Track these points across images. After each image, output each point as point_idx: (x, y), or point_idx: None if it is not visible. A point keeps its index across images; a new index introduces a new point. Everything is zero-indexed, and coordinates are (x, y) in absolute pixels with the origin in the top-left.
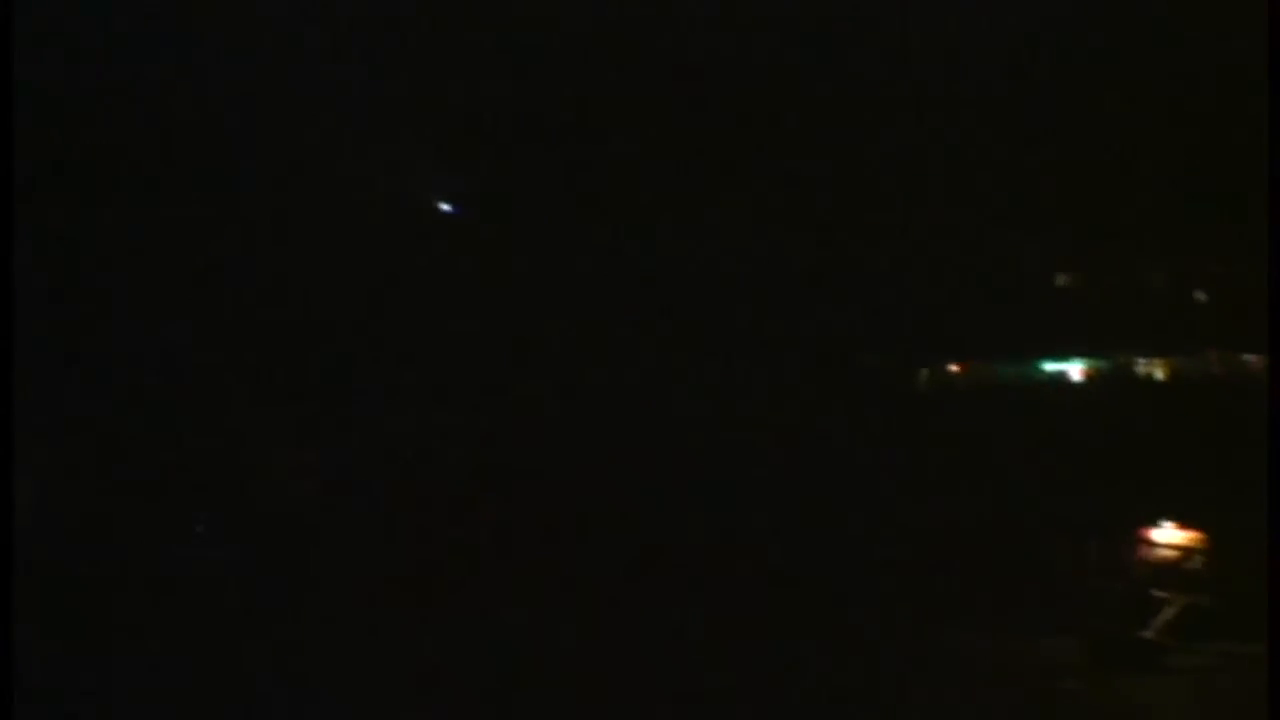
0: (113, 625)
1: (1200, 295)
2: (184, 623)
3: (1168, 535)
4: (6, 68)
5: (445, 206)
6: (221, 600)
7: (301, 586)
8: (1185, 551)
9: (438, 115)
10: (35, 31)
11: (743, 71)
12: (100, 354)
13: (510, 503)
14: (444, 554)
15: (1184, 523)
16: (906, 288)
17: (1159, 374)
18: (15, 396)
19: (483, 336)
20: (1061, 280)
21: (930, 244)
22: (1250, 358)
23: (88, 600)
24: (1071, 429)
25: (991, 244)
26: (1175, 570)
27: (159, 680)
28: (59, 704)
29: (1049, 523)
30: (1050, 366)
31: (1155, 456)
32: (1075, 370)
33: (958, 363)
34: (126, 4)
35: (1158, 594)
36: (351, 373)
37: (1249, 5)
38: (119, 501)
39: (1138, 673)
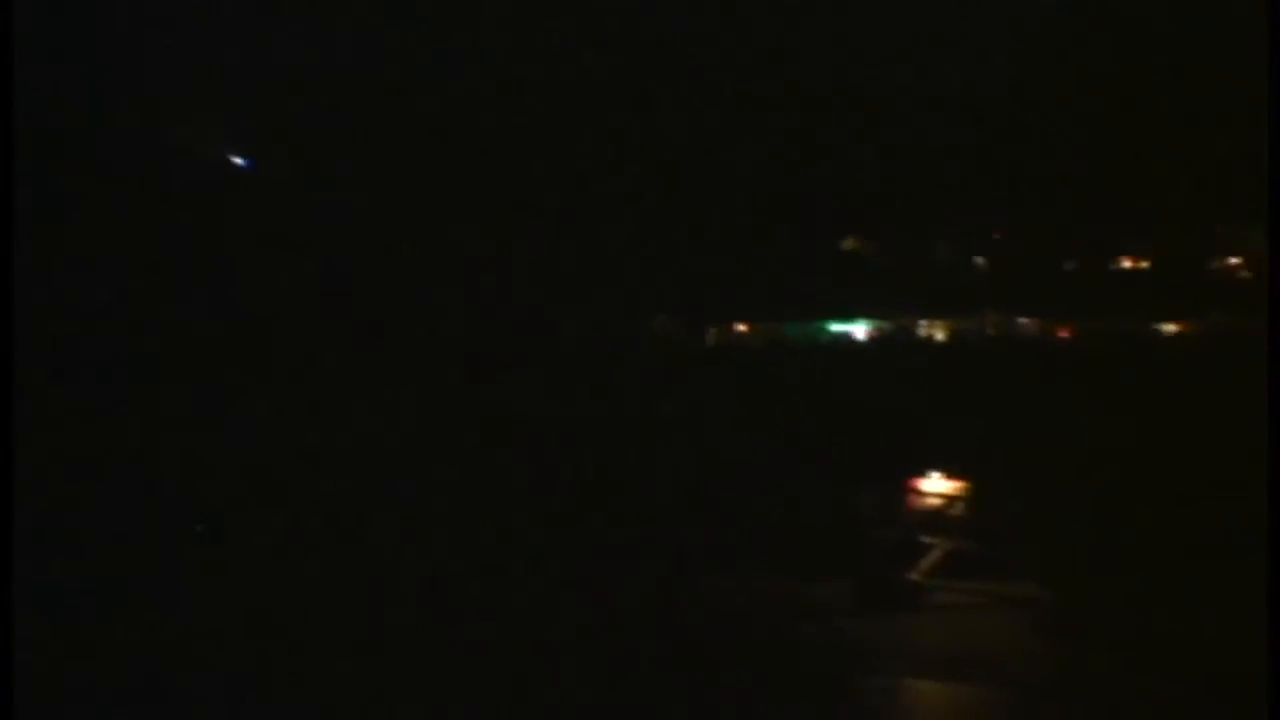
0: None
1: (980, 261)
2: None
3: (935, 485)
4: (7, 67)
5: None
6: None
7: None
8: (950, 500)
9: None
10: None
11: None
12: None
13: None
14: None
15: (950, 473)
16: (698, 253)
17: (938, 335)
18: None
19: None
20: (849, 245)
21: (724, 212)
22: (1024, 320)
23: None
24: (851, 385)
25: (785, 212)
26: (941, 517)
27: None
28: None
29: (825, 473)
30: (836, 328)
31: (928, 411)
32: (860, 331)
33: (746, 323)
34: None
35: (924, 539)
36: None
37: None
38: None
39: (903, 610)
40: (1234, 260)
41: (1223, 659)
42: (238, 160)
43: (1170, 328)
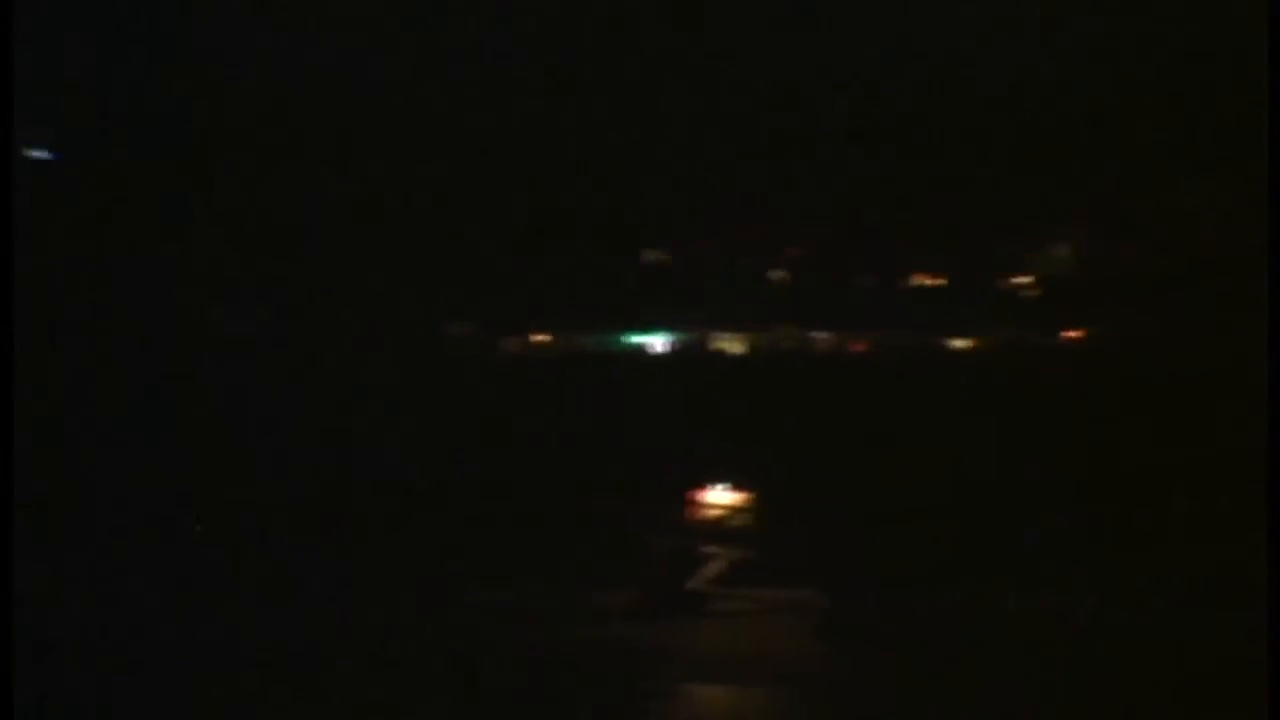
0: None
1: (780, 275)
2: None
3: (719, 496)
4: (7, 67)
5: None
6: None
7: None
8: (734, 510)
9: None
10: None
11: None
12: None
13: None
14: None
15: (736, 484)
16: (495, 258)
17: (735, 348)
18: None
19: None
20: (650, 256)
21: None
22: (821, 334)
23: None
24: (643, 397)
25: (583, 218)
26: (724, 527)
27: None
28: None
29: (608, 485)
30: (635, 339)
31: (717, 422)
32: (658, 343)
33: (542, 333)
34: None
35: (708, 549)
36: None
37: None
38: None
39: (686, 617)
40: (1022, 279)
41: (999, 656)
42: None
43: (961, 342)
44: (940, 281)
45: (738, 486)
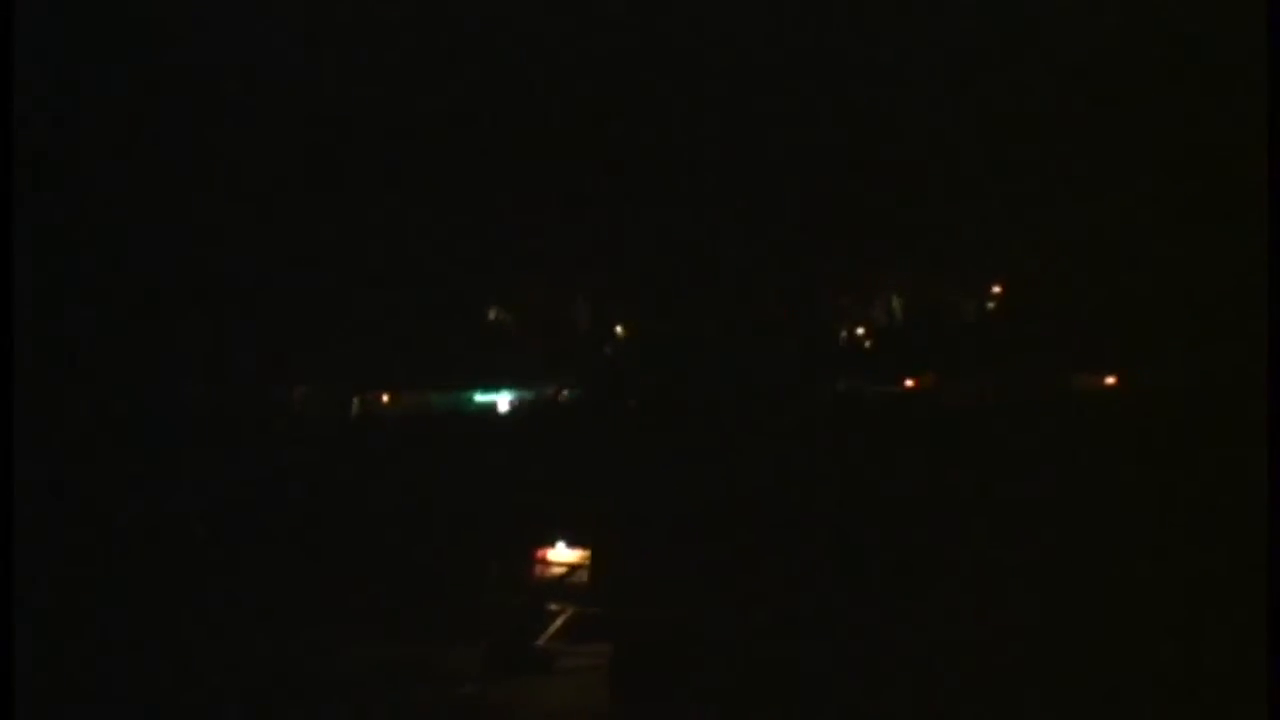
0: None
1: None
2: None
3: (560, 554)
4: (7, 67)
5: None
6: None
7: None
8: (573, 568)
9: None
10: None
11: None
12: None
13: None
14: None
15: (573, 542)
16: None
17: (577, 403)
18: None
19: None
20: (493, 314)
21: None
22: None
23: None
24: (486, 455)
25: (428, 276)
26: (565, 584)
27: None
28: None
29: (454, 543)
30: (481, 397)
31: (559, 479)
32: (503, 401)
33: (389, 392)
34: None
35: (551, 606)
36: None
37: None
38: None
39: (530, 674)
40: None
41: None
42: None
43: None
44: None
45: (578, 543)
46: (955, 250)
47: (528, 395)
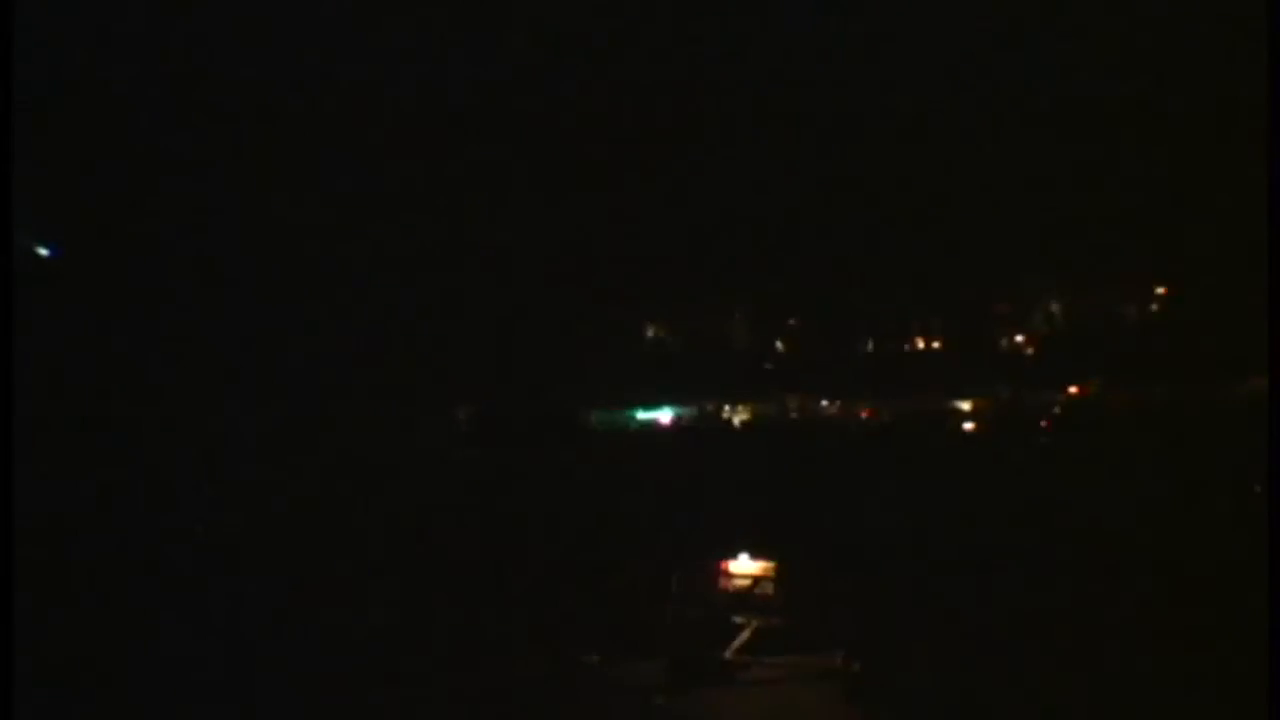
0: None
1: (780, 346)
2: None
3: (742, 566)
4: (6, 67)
5: None
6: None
7: None
8: (758, 579)
9: None
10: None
11: None
12: None
13: None
14: None
15: (757, 553)
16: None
17: (740, 418)
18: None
19: None
20: (653, 333)
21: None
22: (826, 403)
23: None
24: (659, 470)
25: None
26: (749, 596)
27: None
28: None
29: (639, 556)
30: (643, 414)
31: (734, 493)
32: (665, 417)
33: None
34: None
35: (735, 619)
36: None
37: None
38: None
39: (716, 687)
40: (1021, 337)
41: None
42: None
43: (964, 405)
44: (938, 344)
45: (760, 555)
46: (1114, 255)
47: (690, 411)
